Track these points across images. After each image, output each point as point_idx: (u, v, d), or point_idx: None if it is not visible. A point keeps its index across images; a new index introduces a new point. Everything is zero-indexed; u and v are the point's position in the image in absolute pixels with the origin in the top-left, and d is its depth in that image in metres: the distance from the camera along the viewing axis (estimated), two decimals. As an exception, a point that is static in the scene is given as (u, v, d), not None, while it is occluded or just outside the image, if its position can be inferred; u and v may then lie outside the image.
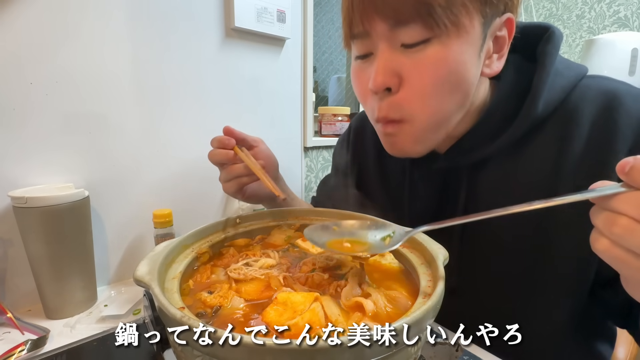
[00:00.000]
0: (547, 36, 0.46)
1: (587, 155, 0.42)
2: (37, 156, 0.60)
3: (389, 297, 0.33)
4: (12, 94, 0.56)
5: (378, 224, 0.41)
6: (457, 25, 0.37)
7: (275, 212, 0.52)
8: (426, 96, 0.40)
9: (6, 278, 0.59)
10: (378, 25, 0.39)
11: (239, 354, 0.23)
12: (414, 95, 0.40)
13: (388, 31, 0.39)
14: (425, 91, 0.40)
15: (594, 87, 0.44)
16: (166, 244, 0.37)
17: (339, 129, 1.25)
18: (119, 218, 0.70)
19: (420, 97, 0.40)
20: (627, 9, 1.55)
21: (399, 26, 0.38)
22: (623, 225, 0.25)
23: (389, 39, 0.40)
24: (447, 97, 0.41)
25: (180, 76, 0.76)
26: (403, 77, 0.40)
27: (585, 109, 0.42)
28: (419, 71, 0.39)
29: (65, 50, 0.60)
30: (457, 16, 0.37)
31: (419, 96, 0.40)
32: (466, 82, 0.41)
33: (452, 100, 0.41)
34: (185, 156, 0.79)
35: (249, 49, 0.87)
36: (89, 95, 0.64)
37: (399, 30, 0.38)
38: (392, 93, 0.41)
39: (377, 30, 0.40)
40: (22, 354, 0.46)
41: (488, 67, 0.43)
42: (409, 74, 0.40)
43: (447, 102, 0.41)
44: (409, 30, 0.38)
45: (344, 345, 0.22)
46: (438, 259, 0.34)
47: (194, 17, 0.76)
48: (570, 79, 0.44)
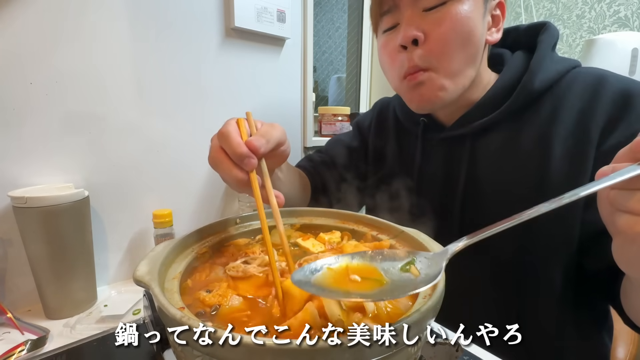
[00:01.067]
0: (543, 29, 0.55)
1: (574, 123, 0.49)
2: (37, 156, 0.60)
3: None
4: (12, 94, 0.56)
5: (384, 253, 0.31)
6: None
7: (275, 212, 0.52)
8: (446, 46, 0.49)
9: (6, 278, 0.59)
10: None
11: (239, 354, 0.23)
12: (436, 46, 0.49)
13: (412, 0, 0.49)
14: (445, 41, 0.48)
15: (584, 72, 0.51)
16: (166, 244, 0.37)
17: (339, 129, 1.24)
18: (119, 218, 0.70)
19: (441, 46, 0.49)
20: (627, 9, 1.55)
21: None
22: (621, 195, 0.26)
23: (413, 6, 0.49)
24: (461, 47, 0.49)
25: (180, 76, 0.76)
26: (426, 32, 0.49)
27: (575, 87, 0.50)
28: (439, 26, 0.48)
29: (65, 50, 0.60)
30: None
31: (441, 46, 0.49)
32: (475, 36, 0.49)
33: (465, 51, 0.50)
34: (185, 156, 0.79)
35: (249, 48, 0.87)
36: (89, 95, 0.64)
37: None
38: (419, 46, 0.49)
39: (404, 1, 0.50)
40: (22, 354, 0.46)
41: (490, 35, 0.53)
42: (431, 29, 0.49)
43: (462, 52, 0.49)
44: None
45: (344, 345, 0.22)
46: (438, 259, 0.34)
47: (194, 17, 0.76)
48: (565, 65, 0.52)
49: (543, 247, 0.49)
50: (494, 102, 0.53)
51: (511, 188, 0.51)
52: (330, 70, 1.89)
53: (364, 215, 0.49)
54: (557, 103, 0.50)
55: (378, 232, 0.46)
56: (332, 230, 0.48)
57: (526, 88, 0.51)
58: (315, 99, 1.34)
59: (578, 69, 0.52)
